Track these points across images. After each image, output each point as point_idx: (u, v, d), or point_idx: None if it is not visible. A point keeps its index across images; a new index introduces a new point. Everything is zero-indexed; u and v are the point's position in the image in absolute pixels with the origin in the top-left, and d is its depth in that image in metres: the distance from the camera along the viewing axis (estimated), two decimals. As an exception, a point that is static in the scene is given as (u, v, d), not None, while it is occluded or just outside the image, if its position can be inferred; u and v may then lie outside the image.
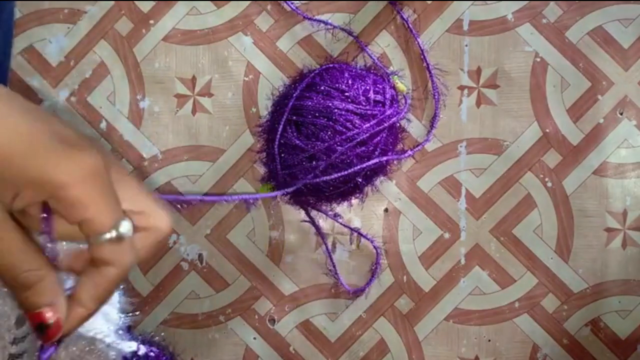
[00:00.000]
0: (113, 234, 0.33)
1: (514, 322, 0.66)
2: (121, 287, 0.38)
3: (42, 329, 0.33)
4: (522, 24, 0.66)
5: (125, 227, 0.34)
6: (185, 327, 0.67)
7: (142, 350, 0.42)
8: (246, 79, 0.67)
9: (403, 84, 0.64)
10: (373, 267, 0.66)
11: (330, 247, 0.66)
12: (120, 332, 0.39)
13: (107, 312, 0.38)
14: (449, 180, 0.66)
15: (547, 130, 0.66)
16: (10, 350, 0.36)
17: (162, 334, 0.67)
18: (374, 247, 0.65)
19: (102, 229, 0.32)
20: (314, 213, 0.65)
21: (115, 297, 0.39)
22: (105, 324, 0.38)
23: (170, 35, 0.67)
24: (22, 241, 0.32)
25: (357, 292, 0.66)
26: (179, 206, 0.66)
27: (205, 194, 0.67)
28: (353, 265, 0.66)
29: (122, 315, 0.39)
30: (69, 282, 0.35)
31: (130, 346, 0.40)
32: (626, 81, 0.66)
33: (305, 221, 0.65)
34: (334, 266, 0.66)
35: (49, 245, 0.34)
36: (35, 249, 0.32)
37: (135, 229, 0.34)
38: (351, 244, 0.66)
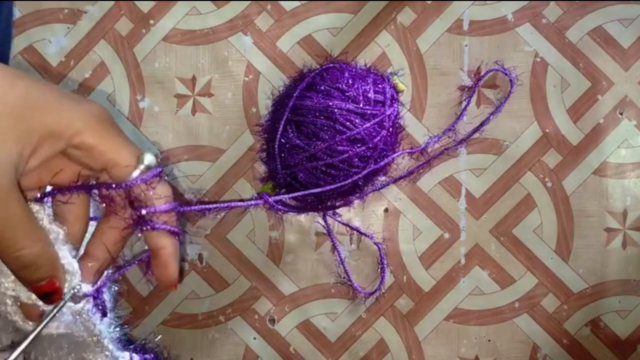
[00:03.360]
0: (141, 167, 0.34)
1: (514, 322, 0.66)
2: (113, 301, 0.39)
3: (44, 296, 0.34)
4: (522, 24, 0.66)
5: (149, 158, 0.36)
6: (185, 327, 0.67)
7: (136, 359, 0.42)
8: (246, 79, 0.67)
9: (403, 84, 0.64)
10: (380, 265, 0.66)
11: (330, 247, 0.66)
12: (111, 343, 0.39)
13: (96, 323, 0.38)
14: (449, 180, 0.66)
15: (547, 130, 0.66)
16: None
17: (157, 339, 0.67)
18: (375, 243, 0.65)
19: (127, 167, 0.33)
20: (306, 213, 0.65)
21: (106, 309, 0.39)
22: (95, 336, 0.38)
23: (170, 35, 0.67)
24: (26, 213, 0.32)
25: (372, 294, 0.65)
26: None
27: (208, 202, 0.67)
28: (353, 265, 0.66)
29: (112, 328, 0.39)
30: (73, 252, 0.36)
31: (123, 357, 0.40)
32: (626, 81, 0.66)
33: (335, 219, 0.65)
34: (347, 272, 0.66)
35: (52, 225, 0.35)
36: (35, 222, 0.33)
37: None
38: (351, 244, 0.66)
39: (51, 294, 0.34)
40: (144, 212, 0.35)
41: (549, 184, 0.66)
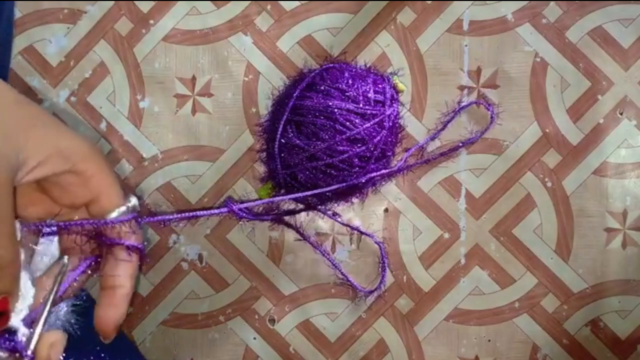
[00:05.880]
0: (127, 205, 0.35)
1: (514, 322, 0.66)
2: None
3: None
4: (522, 24, 0.66)
5: (134, 200, 0.37)
6: (185, 327, 0.67)
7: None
8: (246, 79, 0.67)
9: (403, 84, 0.64)
10: (380, 263, 0.65)
11: (330, 247, 0.66)
12: None
13: None
14: (449, 180, 0.66)
15: (547, 130, 0.66)
16: None
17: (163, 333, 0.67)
18: (376, 242, 0.65)
19: (117, 200, 0.34)
20: (306, 214, 0.65)
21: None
22: None
23: (170, 35, 0.67)
24: (13, 215, 0.31)
25: (372, 292, 0.65)
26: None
27: (187, 210, 0.67)
28: (353, 265, 0.66)
29: None
30: (29, 278, 0.34)
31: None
32: (626, 81, 0.66)
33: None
34: (343, 273, 0.66)
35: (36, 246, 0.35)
36: (15, 230, 0.32)
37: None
38: (351, 244, 0.66)
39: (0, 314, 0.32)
40: (128, 244, 0.35)
41: (549, 184, 0.66)
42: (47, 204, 0.35)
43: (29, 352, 0.33)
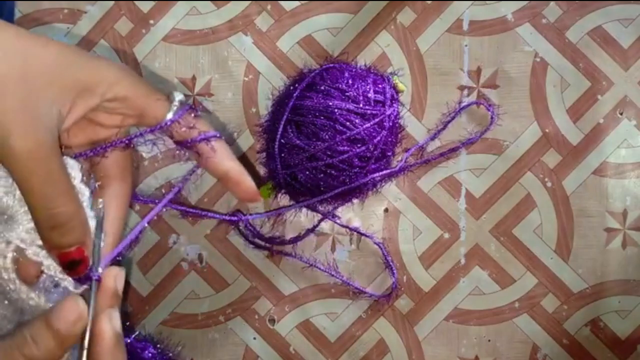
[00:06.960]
0: (174, 107, 0.37)
1: (514, 322, 0.66)
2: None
3: (70, 265, 0.34)
4: (522, 24, 0.66)
5: (179, 95, 0.39)
6: (184, 327, 0.67)
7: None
8: (246, 79, 0.67)
9: (403, 84, 0.64)
10: (385, 264, 0.65)
11: (330, 247, 0.66)
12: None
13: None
14: (449, 180, 0.66)
15: (547, 130, 0.66)
16: None
17: (162, 333, 0.67)
18: (375, 243, 0.65)
19: (162, 108, 0.36)
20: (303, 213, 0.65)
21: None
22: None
23: (170, 35, 0.67)
24: (65, 171, 0.32)
25: (390, 296, 0.65)
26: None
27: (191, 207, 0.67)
28: (353, 265, 0.66)
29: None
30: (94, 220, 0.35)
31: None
32: (626, 81, 0.66)
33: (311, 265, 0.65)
34: (357, 288, 0.66)
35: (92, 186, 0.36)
36: (71, 182, 0.33)
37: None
38: (351, 244, 0.66)
39: (78, 263, 0.33)
40: (213, 142, 0.39)
41: (548, 184, 0.66)
42: (88, 132, 0.36)
43: (96, 273, 0.35)
